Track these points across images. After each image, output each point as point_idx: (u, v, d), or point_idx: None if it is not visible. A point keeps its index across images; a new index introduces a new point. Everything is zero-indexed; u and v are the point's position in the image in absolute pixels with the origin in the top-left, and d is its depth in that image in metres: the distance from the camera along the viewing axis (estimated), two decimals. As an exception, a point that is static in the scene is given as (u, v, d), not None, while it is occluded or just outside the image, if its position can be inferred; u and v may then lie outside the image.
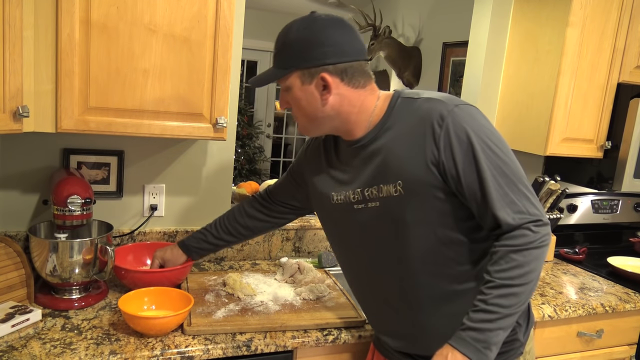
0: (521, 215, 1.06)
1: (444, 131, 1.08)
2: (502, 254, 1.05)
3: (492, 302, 1.03)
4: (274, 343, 1.36)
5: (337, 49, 1.13)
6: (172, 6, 1.41)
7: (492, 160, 1.07)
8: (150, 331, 1.30)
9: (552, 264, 2.26)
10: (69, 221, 1.43)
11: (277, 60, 1.18)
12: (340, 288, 1.69)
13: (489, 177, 1.06)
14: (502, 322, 1.03)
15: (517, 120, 2.19)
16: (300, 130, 1.25)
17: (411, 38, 4.24)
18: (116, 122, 1.41)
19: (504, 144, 1.11)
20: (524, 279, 1.04)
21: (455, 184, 1.09)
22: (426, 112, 1.11)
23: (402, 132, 1.14)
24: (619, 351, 1.94)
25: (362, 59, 1.17)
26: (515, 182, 1.07)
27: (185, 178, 1.84)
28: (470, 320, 1.04)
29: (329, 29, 1.13)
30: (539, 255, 1.06)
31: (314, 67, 1.13)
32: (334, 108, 1.16)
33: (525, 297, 1.05)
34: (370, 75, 1.20)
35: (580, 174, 2.27)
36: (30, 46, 1.29)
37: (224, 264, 1.89)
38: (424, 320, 1.19)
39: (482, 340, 1.02)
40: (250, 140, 5.82)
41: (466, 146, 1.07)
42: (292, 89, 1.17)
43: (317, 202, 1.36)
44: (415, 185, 1.11)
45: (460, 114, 1.09)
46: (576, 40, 1.98)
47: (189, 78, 1.46)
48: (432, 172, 1.09)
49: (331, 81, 1.13)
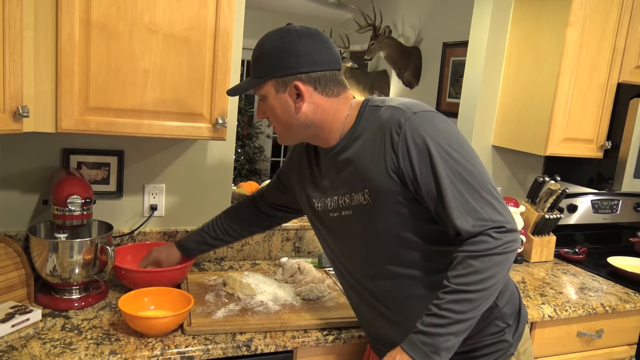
0: (482, 222, 1.04)
1: (401, 139, 1.08)
2: (460, 259, 1.04)
3: (444, 307, 1.02)
4: (274, 343, 1.36)
5: (310, 59, 1.15)
6: (172, 6, 1.41)
7: (451, 166, 1.05)
8: (150, 331, 1.30)
9: (552, 264, 2.26)
10: (69, 221, 1.43)
11: (253, 69, 1.21)
12: (340, 288, 1.69)
13: (446, 184, 1.05)
14: (453, 328, 1.02)
15: (517, 120, 2.19)
16: (278, 139, 1.28)
17: (411, 38, 4.24)
18: (116, 122, 1.41)
19: (466, 150, 1.08)
20: (480, 285, 1.02)
21: (415, 190, 1.09)
22: (386, 121, 1.11)
23: (367, 140, 1.15)
24: (619, 351, 1.94)
25: (336, 68, 1.19)
26: (477, 189, 1.05)
27: (185, 178, 1.84)
28: (422, 324, 1.04)
29: (302, 39, 1.15)
30: (500, 261, 1.04)
31: (287, 75, 1.15)
32: (308, 116, 1.18)
33: (481, 304, 1.03)
34: (345, 85, 1.22)
35: (580, 174, 2.27)
36: (30, 46, 1.29)
37: (224, 264, 1.89)
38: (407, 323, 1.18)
39: (430, 345, 1.02)
40: (250, 140, 5.82)
41: (424, 153, 1.06)
42: (267, 97, 1.19)
43: (303, 206, 1.38)
44: (380, 193, 1.12)
45: (417, 121, 1.08)
46: (576, 40, 1.97)
47: (189, 78, 1.46)
48: (393, 179, 1.10)
49: (304, 90, 1.15)
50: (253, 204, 1.58)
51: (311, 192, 1.31)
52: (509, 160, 2.40)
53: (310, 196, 1.31)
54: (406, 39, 4.29)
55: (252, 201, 1.58)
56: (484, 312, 1.06)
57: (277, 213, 1.56)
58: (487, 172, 1.09)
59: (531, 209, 2.21)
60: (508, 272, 1.08)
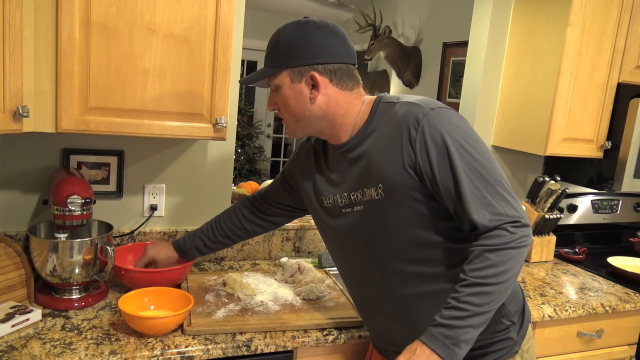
0: (498, 217, 1.06)
1: (419, 134, 1.09)
2: (477, 253, 1.06)
3: (463, 299, 1.03)
4: (274, 343, 1.36)
5: (327, 50, 1.16)
6: (172, 6, 1.41)
7: (468, 162, 1.07)
8: (150, 331, 1.30)
9: (552, 264, 2.26)
10: (69, 221, 1.43)
11: (269, 60, 1.20)
12: (340, 288, 1.69)
13: (464, 179, 1.06)
14: (472, 320, 1.03)
15: (517, 120, 2.19)
16: (287, 132, 1.27)
17: (411, 38, 4.24)
18: (116, 122, 1.41)
19: (481, 146, 1.10)
20: (497, 278, 1.04)
21: (432, 186, 1.10)
22: (403, 116, 1.12)
23: (381, 136, 1.15)
24: (619, 351, 1.94)
25: (351, 62, 1.20)
26: (493, 184, 1.07)
27: (185, 178, 1.84)
28: (441, 317, 1.05)
29: (320, 30, 1.16)
30: (515, 255, 1.05)
31: (304, 65, 1.16)
32: (321, 108, 1.18)
33: (498, 297, 1.05)
34: (359, 80, 1.22)
35: (580, 174, 2.28)
36: (30, 46, 1.29)
37: (224, 264, 1.89)
38: (413, 320, 1.20)
39: (451, 337, 1.03)
40: (250, 140, 5.82)
41: (441, 148, 1.08)
42: (281, 87, 1.19)
43: (309, 205, 1.38)
44: (395, 188, 1.12)
45: (435, 116, 1.09)
46: (576, 40, 1.98)
47: (189, 78, 1.46)
48: (410, 175, 1.11)
49: (320, 80, 1.16)
50: (254, 205, 1.56)
51: (320, 188, 1.30)
52: (509, 160, 2.40)
53: (320, 193, 1.30)
54: (406, 39, 4.29)
55: (253, 202, 1.57)
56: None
57: (280, 212, 1.54)
58: (500, 168, 1.11)
59: (531, 209, 2.21)
60: (521, 267, 1.09)
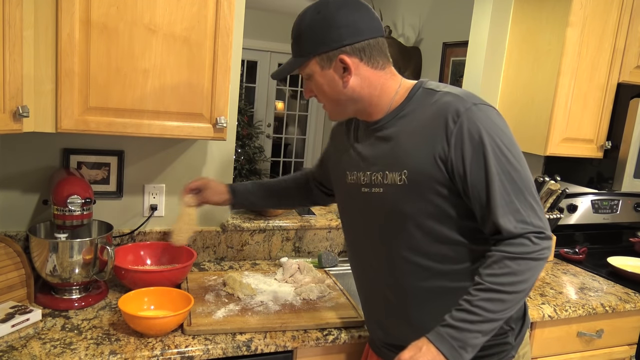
0: (524, 225, 1.04)
1: (457, 127, 1.06)
2: (496, 259, 1.04)
3: (476, 304, 1.02)
4: (274, 343, 1.36)
5: (352, 29, 1.11)
6: (172, 6, 1.41)
7: (503, 164, 1.05)
8: (150, 331, 1.30)
9: (552, 264, 2.26)
10: (69, 221, 1.43)
11: (295, 49, 1.18)
12: (340, 288, 1.69)
13: (496, 181, 1.04)
14: (482, 326, 1.02)
15: (517, 120, 2.19)
16: (329, 116, 1.25)
17: (411, 38, 4.24)
18: (116, 122, 1.41)
19: (517, 151, 1.08)
20: (514, 287, 1.02)
21: (461, 182, 1.07)
22: (443, 106, 1.09)
23: (416, 122, 1.13)
24: (619, 351, 1.94)
25: (379, 35, 1.15)
26: (523, 191, 1.05)
27: (185, 178, 1.83)
28: (451, 318, 1.04)
29: (342, 9, 1.11)
30: (534, 266, 1.04)
31: (331, 50, 1.12)
32: (355, 90, 1.15)
33: (511, 306, 1.04)
34: (389, 58, 1.18)
35: (580, 174, 2.27)
36: (30, 46, 1.29)
37: (224, 264, 1.89)
38: (414, 314, 1.19)
39: (459, 339, 1.01)
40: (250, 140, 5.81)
41: (478, 146, 1.05)
42: (313, 75, 1.17)
43: (335, 182, 1.36)
44: (420, 178, 1.10)
45: (477, 112, 1.07)
46: (576, 40, 1.97)
47: (189, 78, 1.46)
48: (439, 167, 1.08)
49: (350, 62, 1.12)
50: (307, 178, 1.57)
51: (345, 164, 1.28)
52: (509, 160, 2.40)
53: (344, 168, 1.27)
54: (406, 39, 4.29)
55: (308, 175, 1.57)
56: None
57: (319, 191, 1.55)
58: (531, 176, 1.09)
59: (531, 209, 2.21)
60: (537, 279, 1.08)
